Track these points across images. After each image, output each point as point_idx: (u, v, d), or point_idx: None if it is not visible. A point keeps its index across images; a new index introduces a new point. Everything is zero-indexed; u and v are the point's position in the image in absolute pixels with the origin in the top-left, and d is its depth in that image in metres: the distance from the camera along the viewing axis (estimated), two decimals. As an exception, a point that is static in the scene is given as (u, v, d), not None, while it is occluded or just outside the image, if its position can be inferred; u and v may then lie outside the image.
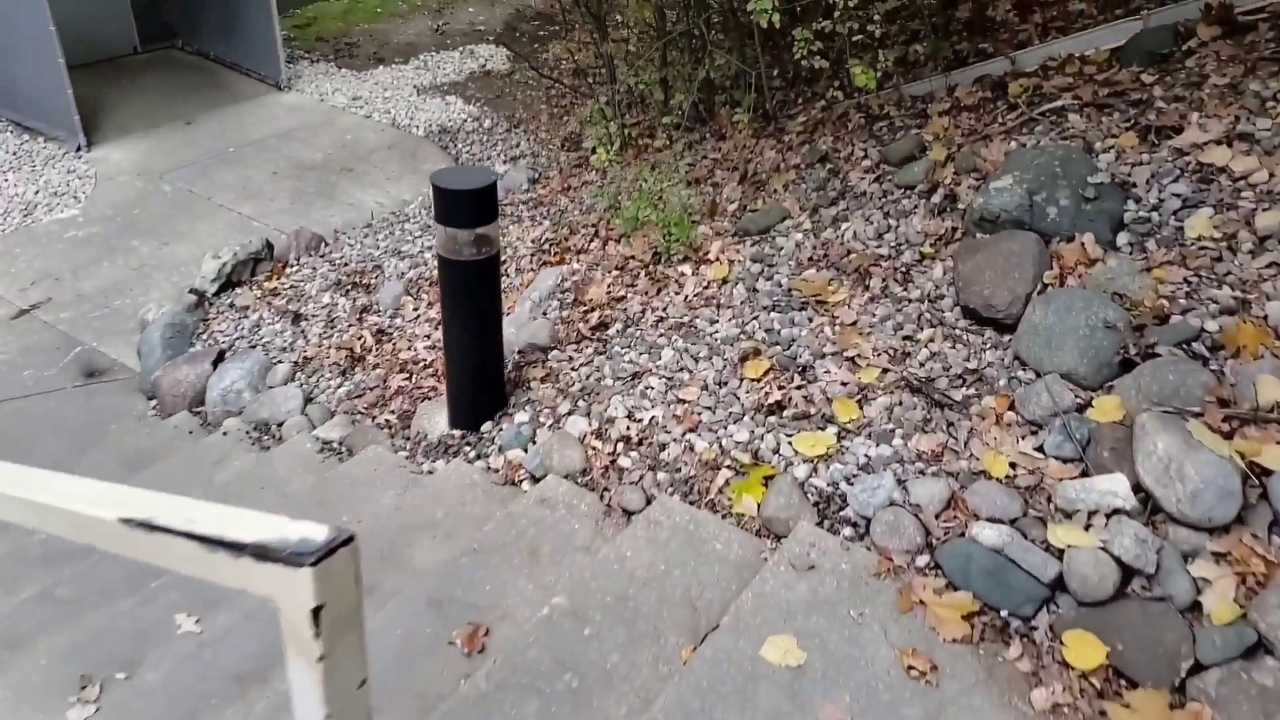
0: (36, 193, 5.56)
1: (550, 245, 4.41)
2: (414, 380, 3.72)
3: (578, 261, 4.12)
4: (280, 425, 3.64)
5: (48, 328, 4.49)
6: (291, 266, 4.87)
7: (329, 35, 8.49)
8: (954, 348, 2.93)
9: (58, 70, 5.74)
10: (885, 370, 2.91)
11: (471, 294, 3.08)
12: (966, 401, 2.71)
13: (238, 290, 4.67)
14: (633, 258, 3.99)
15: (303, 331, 4.25)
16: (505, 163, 6.22)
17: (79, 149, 6.04)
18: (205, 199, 5.71)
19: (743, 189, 4.24)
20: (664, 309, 3.57)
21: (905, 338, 3.04)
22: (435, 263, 4.26)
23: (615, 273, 3.93)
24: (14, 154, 5.93)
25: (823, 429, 2.75)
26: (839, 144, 4.25)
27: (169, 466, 3.47)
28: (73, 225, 5.32)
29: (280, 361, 4.00)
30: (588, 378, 3.30)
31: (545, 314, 3.76)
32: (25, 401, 4.05)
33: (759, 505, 2.54)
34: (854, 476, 2.56)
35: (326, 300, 4.48)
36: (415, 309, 4.28)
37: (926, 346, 2.96)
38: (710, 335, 3.33)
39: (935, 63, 4.48)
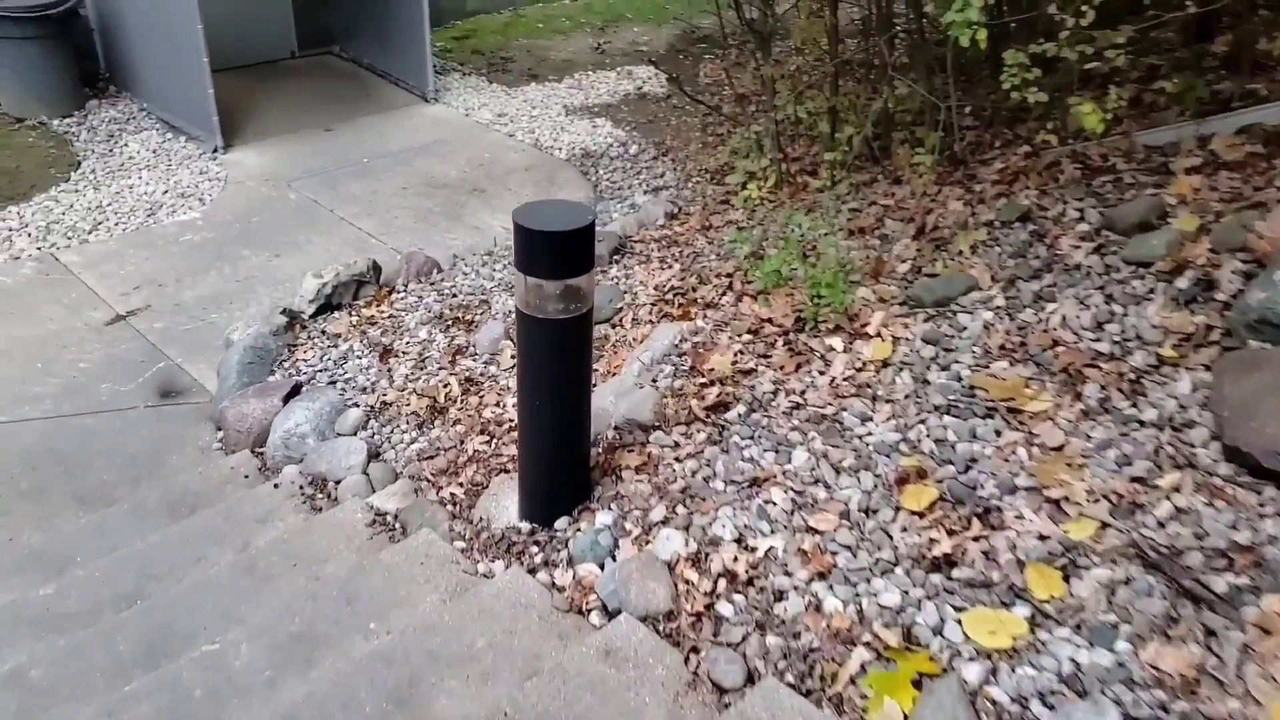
0: (165, 192, 5.41)
1: (675, 295, 3.75)
2: (494, 445, 3.13)
3: (704, 318, 3.44)
4: (338, 483, 3.13)
5: (138, 337, 4.20)
6: (397, 293, 4.42)
7: (486, 49, 8.22)
8: (1213, 506, 2.06)
9: (201, 70, 5.60)
10: (1105, 526, 2.08)
11: (555, 361, 2.45)
12: (1235, 597, 1.84)
13: (334, 314, 4.26)
14: (770, 320, 3.27)
15: (389, 370, 3.75)
16: (646, 193, 5.63)
17: (215, 151, 5.89)
18: (327, 210, 5.41)
19: (918, 246, 3.44)
20: (802, 393, 2.83)
21: (1136, 480, 2.19)
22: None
23: (746, 337, 3.22)
24: (154, 152, 5.84)
25: (1009, 607, 1.94)
26: (1046, 200, 3.39)
27: (208, 520, 3.01)
28: (190, 229, 5.11)
29: (354, 404, 3.51)
30: (693, 474, 2.60)
31: (654, 381, 3.09)
32: (94, 418, 3.73)
33: (906, 719, 1.76)
34: (1053, 694, 1.75)
35: (424, 335, 3.99)
36: (513, 356, 3.71)
37: (1169, 498, 2.11)
38: (860, 438, 2.57)
39: (1182, 106, 3.54)
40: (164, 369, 4.03)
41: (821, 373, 2.91)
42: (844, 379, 2.84)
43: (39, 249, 4.78)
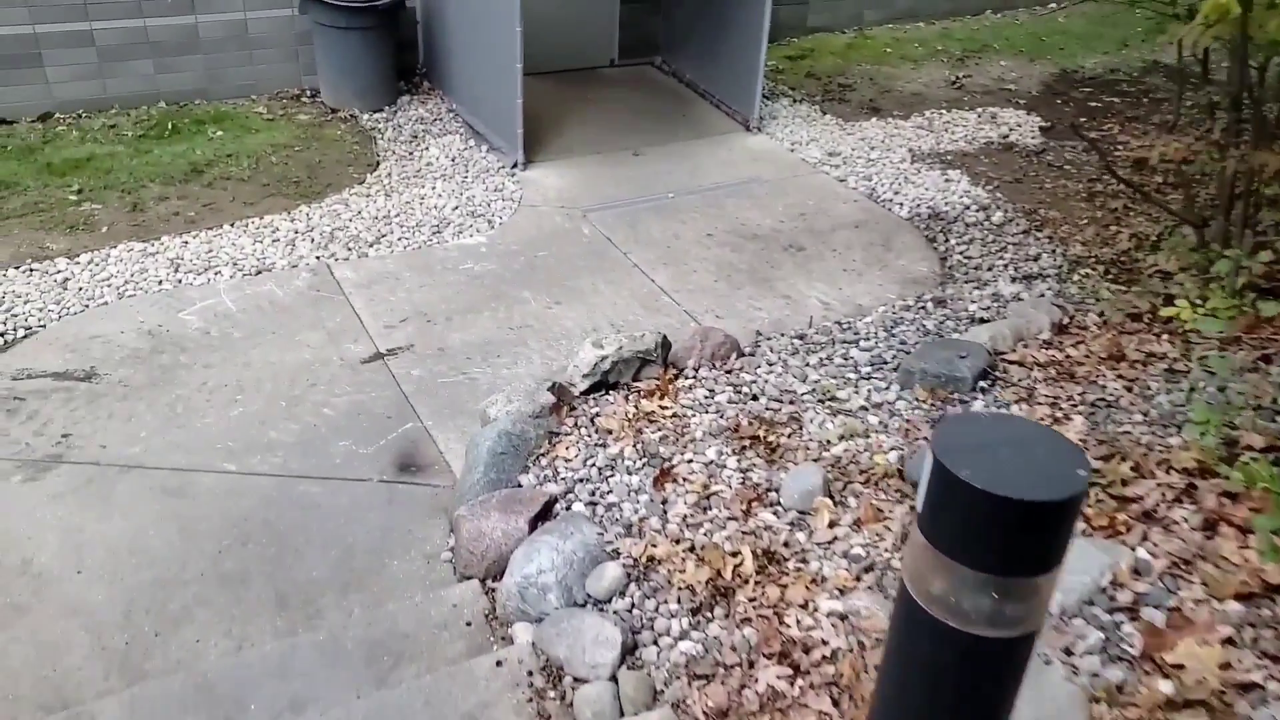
0: (455, 209, 4.91)
1: (1092, 483, 2.52)
2: (798, 686, 2.11)
3: (1146, 540, 2.21)
4: (575, 685, 2.26)
5: (391, 384, 3.62)
6: (686, 378, 3.53)
7: (822, 72, 7.20)
8: None
9: (513, 75, 5.05)
10: None
11: (957, 692, 1.38)
12: None
13: (609, 396, 3.44)
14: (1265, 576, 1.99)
15: (663, 503, 2.85)
16: (1014, 280, 4.36)
17: (514, 166, 5.34)
18: (620, 253, 4.65)
19: None
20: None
21: None
22: (880, 443, 2.70)
23: (1233, 604, 1.97)
24: (452, 159, 5.39)
25: None
26: None
27: (402, 700, 2.24)
28: (473, 255, 4.54)
29: (614, 552, 2.64)
30: None
31: (1074, 664, 1.92)
32: (322, 485, 3.15)
33: None
34: None
35: (711, 455, 3.05)
36: (832, 526, 2.66)
37: None
38: None
39: None
40: (410, 433, 3.40)
41: None
42: None
43: (318, 258, 4.39)
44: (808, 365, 3.66)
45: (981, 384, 3.31)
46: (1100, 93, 7.14)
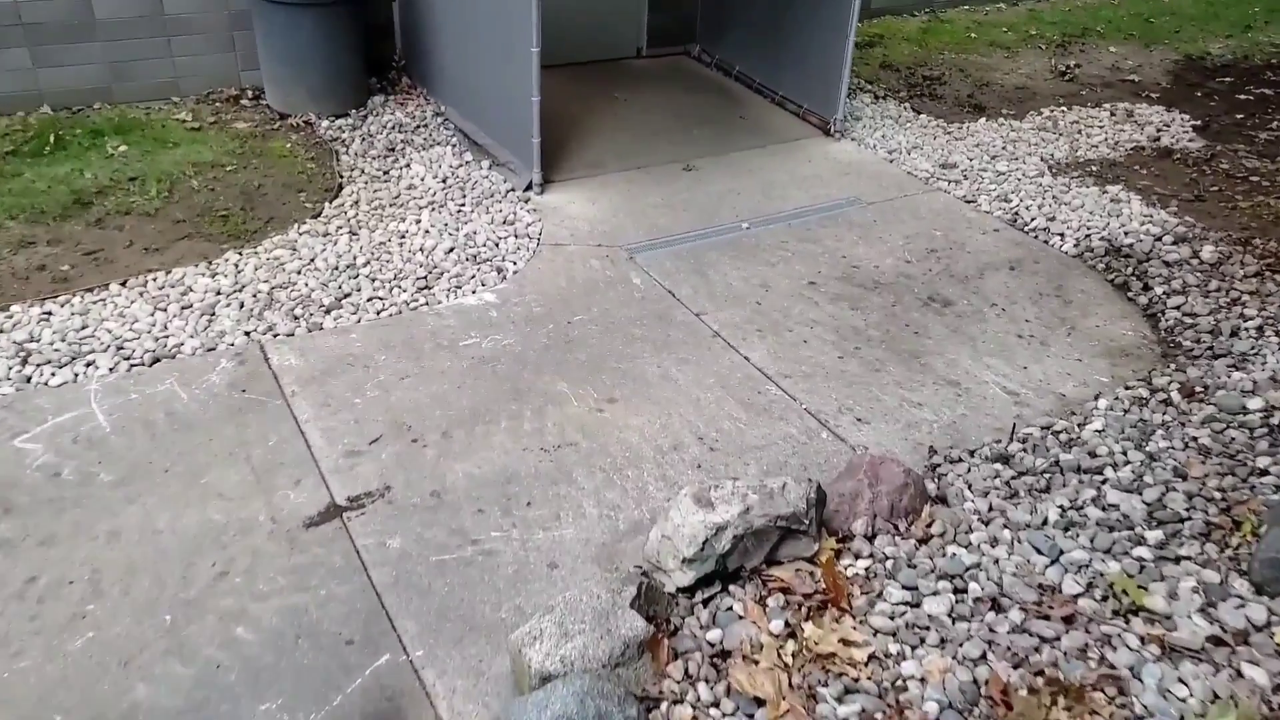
0: (449, 252, 3.45)
1: None
2: None
3: None
4: None
5: (353, 571, 2.16)
6: (857, 558, 2.09)
7: (900, 62, 5.79)
8: None
9: (527, 66, 3.61)
10: None
11: None
12: None
13: (732, 600, 2.00)
14: None
15: None
16: (1268, 364, 2.95)
17: (529, 188, 3.90)
18: (692, 314, 3.21)
19: None
20: None
21: None
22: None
23: None
24: (443, 181, 3.93)
25: None
26: None
27: None
28: (478, 323, 3.09)
29: None
30: None
31: None
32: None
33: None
34: None
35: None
36: None
37: None
38: None
39: None
40: (385, 676, 1.93)
41: None
42: None
43: (248, 334, 2.92)
44: (1046, 523, 2.22)
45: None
46: (1244, 83, 5.77)
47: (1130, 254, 3.68)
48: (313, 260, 3.32)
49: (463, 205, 3.76)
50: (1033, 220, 3.94)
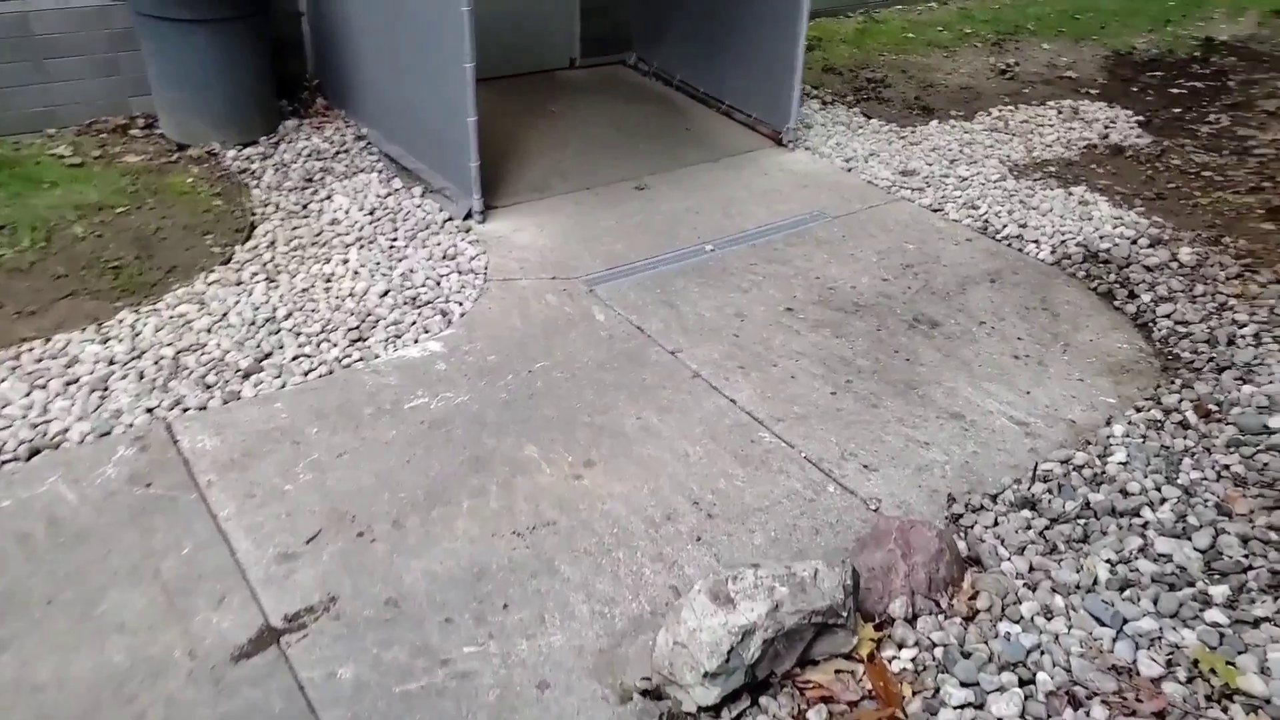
0: (384, 295, 3.06)
1: None
2: None
3: None
4: None
5: (299, 714, 1.77)
6: (901, 647, 1.80)
7: (841, 64, 5.58)
8: None
9: (460, 80, 3.24)
10: None
11: None
12: None
13: (763, 708, 1.68)
14: None
15: None
16: (1275, 375, 2.79)
17: (468, 216, 3.52)
18: (667, 352, 2.88)
19: None
20: None
21: None
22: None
23: None
24: (372, 214, 3.52)
25: None
26: None
27: None
28: (424, 379, 2.71)
29: None
30: None
31: None
32: None
33: None
34: None
35: None
36: None
37: None
38: None
39: None
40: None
41: None
42: None
43: (150, 411, 2.48)
44: (1098, 583, 1.96)
45: None
46: (1173, 77, 5.74)
47: (1109, 260, 3.50)
48: (225, 315, 2.88)
49: (395, 240, 3.36)
50: (1004, 228, 3.73)
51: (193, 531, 2.12)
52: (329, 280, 3.10)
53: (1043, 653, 1.78)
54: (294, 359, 2.73)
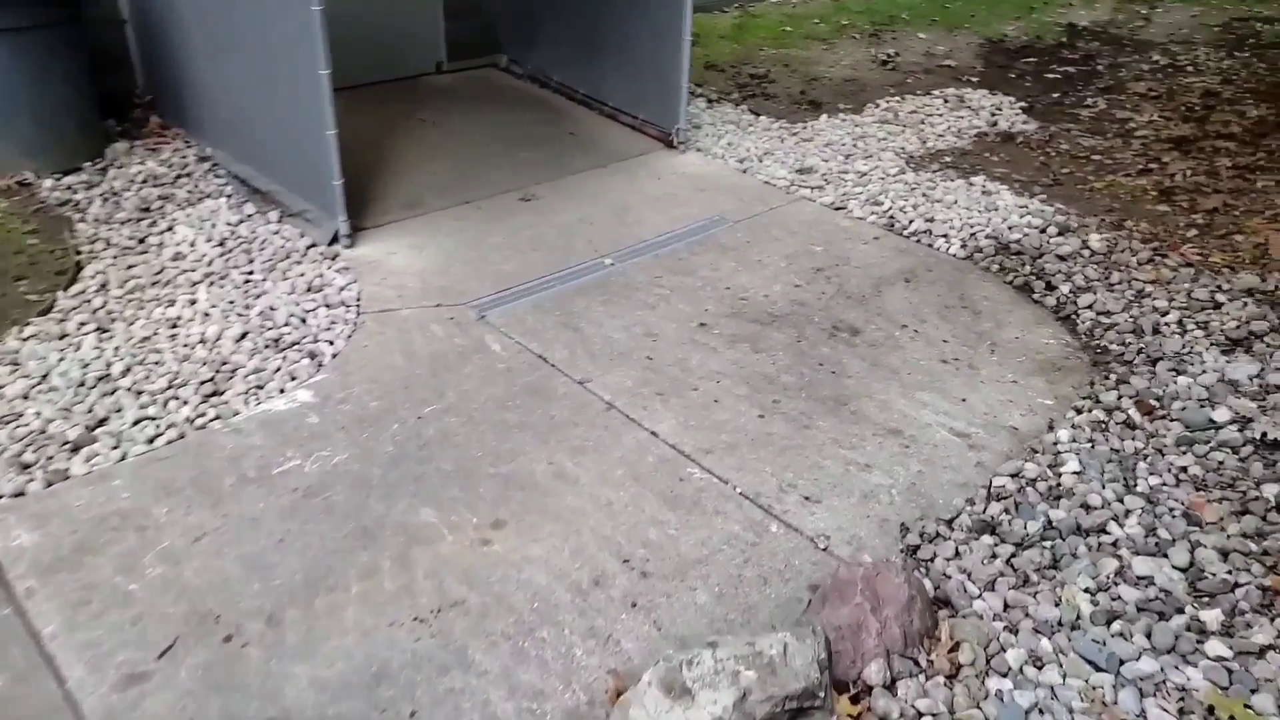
0: (242, 338, 2.65)
1: None
2: None
3: None
4: None
5: None
6: (885, 719, 1.57)
7: (723, 61, 5.40)
8: None
9: (316, 88, 2.85)
10: None
11: None
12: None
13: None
14: None
15: None
16: (1222, 350, 2.72)
17: (334, 240, 3.12)
18: (575, 384, 2.58)
19: None
20: None
21: None
22: None
23: None
24: (222, 245, 3.09)
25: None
26: None
27: None
28: (294, 437, 2.33)
29: None
30: None
31: None
32: None
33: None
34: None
35: None
36: None
37: None
38: None
39: None
40: None
41: None
42: None
43: (-50, 504, 2.02)
44: (1081, 618, 1.78)
45: None
46: (1047, 63, 5.82)
47: (1021, 251, 3.40)
48: (46, 377, 2.41)
49: (251, 273, 2.94)
50: (911, 223, 3.60)
51: (7, 660, 1.69)
52: (174, 325, 2.67)
53: (1042, 712, 1.58)
54: (135, 424, 2.30)
